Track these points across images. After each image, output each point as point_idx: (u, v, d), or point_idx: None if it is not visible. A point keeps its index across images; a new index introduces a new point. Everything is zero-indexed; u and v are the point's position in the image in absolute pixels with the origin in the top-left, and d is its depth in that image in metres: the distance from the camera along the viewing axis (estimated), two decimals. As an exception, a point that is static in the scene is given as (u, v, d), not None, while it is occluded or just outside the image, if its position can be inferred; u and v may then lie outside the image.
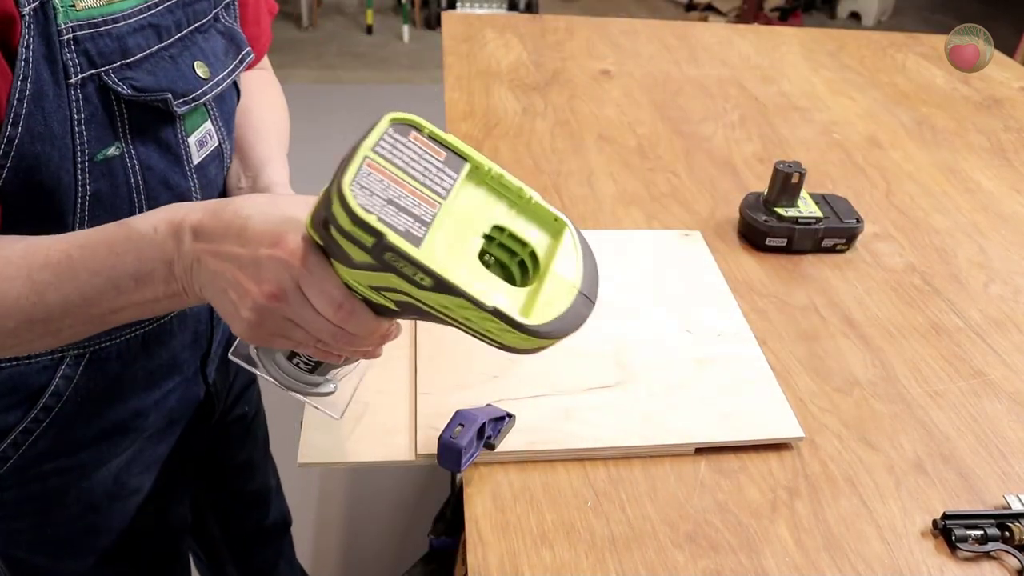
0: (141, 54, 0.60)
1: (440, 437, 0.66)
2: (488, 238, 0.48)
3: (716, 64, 1.61)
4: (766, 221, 1.01)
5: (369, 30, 4.25)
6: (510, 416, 0.71)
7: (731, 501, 0.69)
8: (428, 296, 0.46)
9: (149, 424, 0.80)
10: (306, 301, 0.50)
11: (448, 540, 1.29)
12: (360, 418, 0.73)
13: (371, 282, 0.47)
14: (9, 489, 0.73)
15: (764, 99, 1.47)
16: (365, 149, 0.45)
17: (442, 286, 0.44)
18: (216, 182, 0.72)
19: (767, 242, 1.02)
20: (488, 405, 0.72)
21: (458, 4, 4.33)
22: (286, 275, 0.49)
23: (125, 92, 0.58)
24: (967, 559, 0.66)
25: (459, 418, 0.67)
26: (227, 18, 0.73)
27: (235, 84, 0.73)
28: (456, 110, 1.32)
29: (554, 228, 0.49)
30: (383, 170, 0.45)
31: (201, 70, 0.66)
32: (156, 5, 0.62)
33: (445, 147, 0.48)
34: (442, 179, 0.46)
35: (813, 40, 1.77)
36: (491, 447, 0.69)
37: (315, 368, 0.62)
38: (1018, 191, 1.23)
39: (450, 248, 0.45)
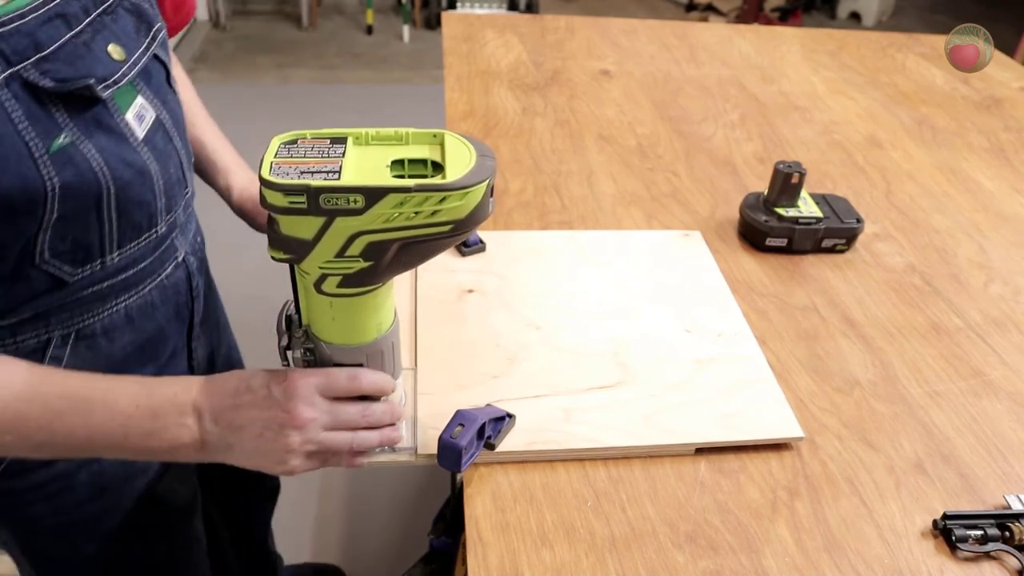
0: (54, 45, 0.61)
1: (440, 437, 0.66)
2: (392, 170, 0.56)
3: (716, 64, 1.61)
4: (766, 221, 1.01)
5: (369, 30, 4.25)
6: (510, 416, 0.71)
7: (731, 501, 0.69)
8: (370, 218, 0.54)
9: None
10: (328, 401, 0.62)
11: (448, 540, 1.29)
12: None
13: (332, 248, 0.55)
14: (19, 476, 0.74)
15: (764, 99, 1.47)
16: (269, 157, 0.55)
17: (371, 194, 0.53)
18: (166, 151, 0.73)
19: (767, 242, 1.02)
20: (488, 405, 0.72)
21: (458, 4, 4.32)
22: (305, 393, 0.60)
23: (48, 85, 0.59)
24: (967, 559, 0.66)
25: (459, 418, 0.67)
26: None
27: (157, 58, 0.74)
28: (456, 110, 1.32)
29: (438, 140, 0.58)
30: (287, 161, 0.55)
31: (116, 53, 0.67)
32: None
33: (327, 137, 0.58)
34: (335, 152, 0.56)
35: (813, 40, 1.77)
36: (491, 447, 0.69)
37: None
38: (1018, 191, 1.23)
39: (363, 173, 0.54)
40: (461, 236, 0.57)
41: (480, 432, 0.67)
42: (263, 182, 0.53)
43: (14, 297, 0.65)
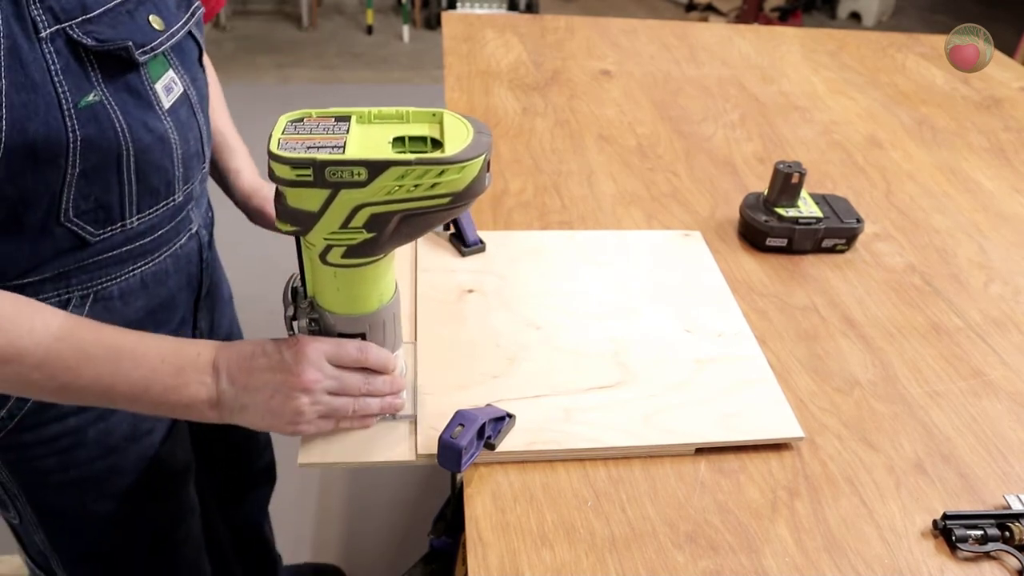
0: (100, 9, 0.66)
1: (440, 437, 0.66)
2: (394, 146, 0.59)
3: (716, 64, 1.61)
4: (766, 221, 1.01)
5: (369, 30, 4.25)
6: (510, 416, 0.71)
7: (731, 501, 0.69)
8: (373, 190, 0.57)
9: None
10: (335, 368, 0.66)
11: (448, 540, 1.29)
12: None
13: (336, 220, 0.58)
14: (31, 430, 0.78)
15: (764, 99, 1.47)
16: (277, 133, 0.58)
17: (374, 167, 0.56)
18: (188, 124, 0.77)
19: (767, 242, 1.02)
20: (488, 405, 0.72)
21: (458, 4, 4.32)
22: (313, 357, 0.65)
23: (90, 44, 0.64)
24: (967, 559, 0.66)
25: (459, 418, 0.67)
26: None
27: (192, 37, 0.79)
28: (456, 110, 1.31)
29: (437, 118, 0.61)
30: (294, 137, 0.58)
31: (156, 23, 0.71)
32: None
33: (332, 116, 0.61)
34: (339, 129, 0.59)
35: (813, 40, 1.77)
36: (491, 447, 0.69)
37: None
38: (1018, 191, 1.23)
39: (366, 148, 0.58)
40: (459, 209, 0.60)
41: (480, 432, 0.67)
42: (271, 156, 0.56)
43: (40, 255, 0.69)
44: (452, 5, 4.31)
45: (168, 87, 0.74)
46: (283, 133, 0.59)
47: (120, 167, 0.69)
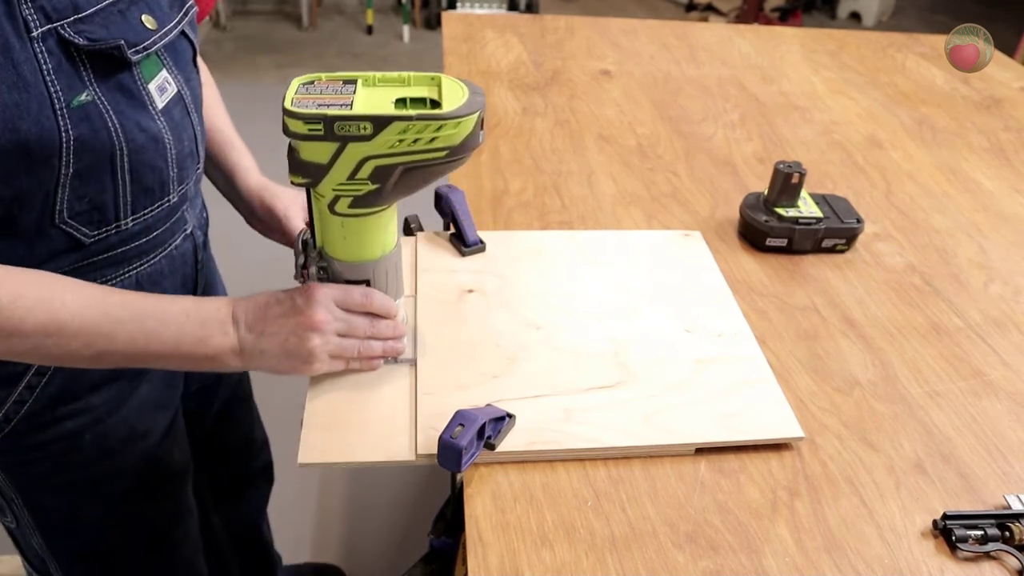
0: (92, 9, 0.66)
1: (440, 437, 0.66)
2: (396, 106, 0.64)
3: (716, 64, 1.61)
4: (766, 221, 1.01)
5: (369, 30, 4.25)
6: (510, 416, 0.71)
7: (731, 501, 0.69)
8: (378, 144, 0.63)
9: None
10: (344, 311, 0.72)
11: (448, 540, 1.29)
12: (360, 418, 0.73)
13: (344, 171, 0.65)
14: (28, 434, 0.78)
15: (764, 99, 1.47)
16: (290, 94, 0.64)
17: (378, 122, 0.62)
18: (182, 124, 0.77)
19: (767, 242, 1.02)
20: (488, 405, 0.72)
21: (458, 4, 4.32)
22: (322, 300, 0.70)
23: (82, 43, 0.64)
24: (967, 559, 0.66)
25: (459, 418, 0.67)
26: None
27: (186, 37, 0.79)
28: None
29: (436, 82, 0.67)
30: (306, 97, 0.64)
31: (149, 22, 0.72)
32: None
33: (340, 79, 0.67)
34: (347, 90, 0.65)
35: (813, 40, 1.77)
36: (491, 447, 0.69)
37: None
38: (1018, 191, 1.23)
39: (372, 106, 0.64)
40: (455, 163, 0.66)
41: (480, 432, 0.67)
42: (286, 112, 0.62)
43: (35, 257, 0.69)
44: (452, 5, 4.31)
45: (162, 87, 0.74)
46: (296, 93, 0.64)
47: (114, 167, 0.69)
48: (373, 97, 0.65)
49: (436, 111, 0.63)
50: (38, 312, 0.63)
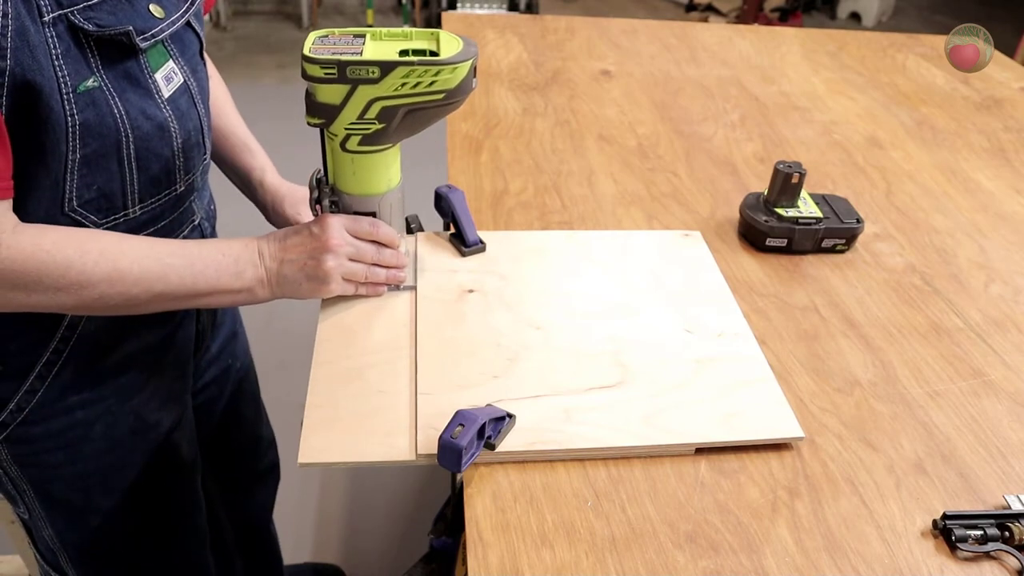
0: None
1: (440, 437, 0.66)
2: (400, 56, 0.73)
3: (716, 64, 1.61)
4: (766, 221, 1.01)
5: (369, 30, 4.25)
6: (510, 416, 0.71)
7: (731, 501, 0.69)
8: (384, 86, 0.72)
9: (160, 358, 0.88)
10: (354, 238, 0.80)
11: (448, 540, 1.29)
12: (360, 418, 0.73)
13: (354, 112, 0.74)
14: (39, 423, 0.80)
15: (764, 99, 1.47)
16: (308, 44, 0.73)
17: (384, 66, 0.71)
18: (189, 114, 0.79)
19: (767, 242, 1.02)
20: (488, 405, 0.72)
21: (458, 4, 4.32)
22: (336, 226, 0.78)
23: (91, 29, 0.66)
24: (967, 559, 0.67)
25: (459, 418, 0.67)
26: None
27: (193, 29, 0.81)
28: (456, 110, 1.32)
29: (435, 36, 0.77)
30: (321, 47, 0.73)
31: (156, 11, 0.74)
32: None
33: (351, 34, 0.76)
34: (357, 42, 0.75)
35: (813, 40, 1.77)
36: (491, 447, 0.69)
37: None
38: (1018, 191, 1.23)
39: (379, 52, 0.74)
40: (451, 106, 0.75)
41: (480, 432, 0.67)
42: (305, 58, 0.72)
43: None
44: (452, 5, 4.31)
45: (168, 77, 0.76)
46: (313, 44, 0.73)
47: (120, 154, 0.71)
48: (380, 48, 0.75)
49: (435, 58, 0.72)
50: (103, 263, 0.69)
